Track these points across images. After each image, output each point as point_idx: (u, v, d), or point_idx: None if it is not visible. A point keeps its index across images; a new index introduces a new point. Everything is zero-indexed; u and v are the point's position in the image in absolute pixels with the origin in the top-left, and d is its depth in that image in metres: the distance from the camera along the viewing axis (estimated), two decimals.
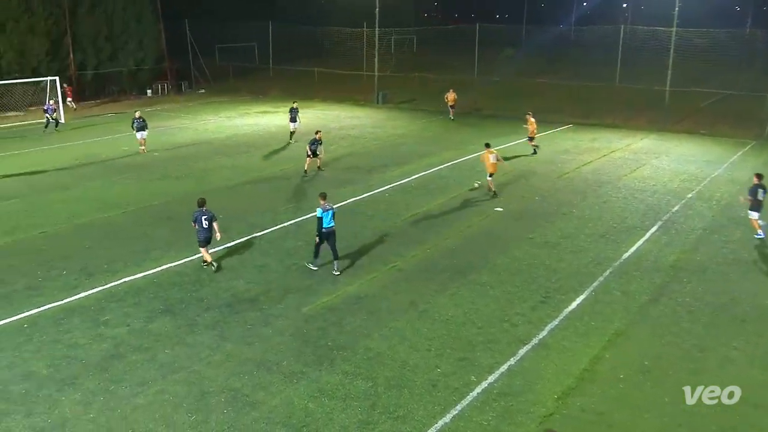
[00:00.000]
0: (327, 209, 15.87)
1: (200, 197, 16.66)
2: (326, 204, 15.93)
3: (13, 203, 22.14)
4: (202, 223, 16.00)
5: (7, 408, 10.63)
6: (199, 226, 16.02)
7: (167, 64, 53.87)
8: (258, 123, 38.56)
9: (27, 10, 44.47)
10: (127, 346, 12.62)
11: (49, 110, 35.85)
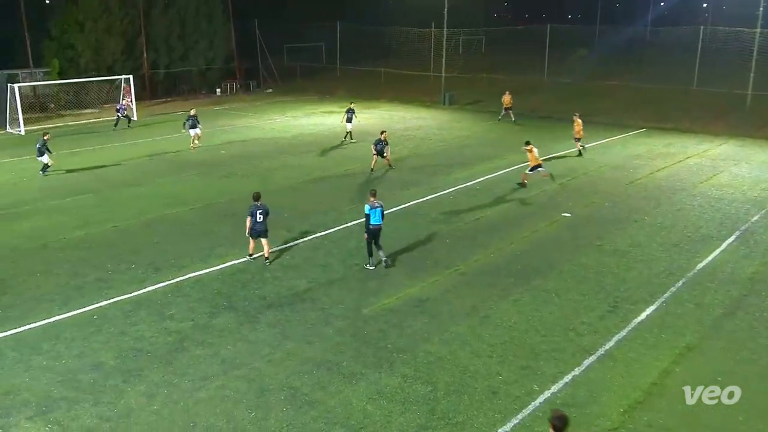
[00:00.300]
0: (375, 207, 16.26)
1: (255, 191, 17.11)
2: (375, 201, 16.32)
3: (87, 198, 23.04)
4: (257, 216, 16.49)
5: (77, 396, 11.06)
6: (253, 220, 16.48)
7: (236, 64, 55.08)
8: (323, 123, 38.99)
9: (106, 10, 46.25)
10: (191, 340, 12.96)
11: (121, 110, 37.27)
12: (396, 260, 17.02)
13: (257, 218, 16.49)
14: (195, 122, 31.25)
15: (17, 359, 12.25)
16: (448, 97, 46.63)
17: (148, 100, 47.16)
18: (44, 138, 26.23)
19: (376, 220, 16.26)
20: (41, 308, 14.33)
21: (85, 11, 45.59)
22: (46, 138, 26.25)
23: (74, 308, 14.32)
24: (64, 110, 42.76)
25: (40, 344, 12.79)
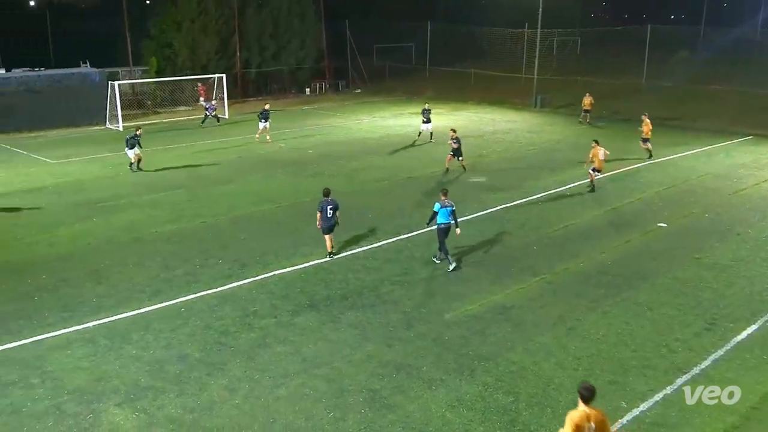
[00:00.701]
0: (446, 206, 16.43)
1: (325, 187, 17.55)
2: (446, 201, 16.49)
3: (179, 193, 23.95)
4: (327, 212, 16.95)
5: (163, 386, 11.51)
6: (323, 215, 16.90)
7: (326, 64, 56.00)
8: (411, 124, 39.05)
9: (203, 10, 48.03)
10: (273, 337, 13.25)
11: (210, 109, 38.65)
12: (481, 265, 16.87)
13: (327, 213, 16.96)
14: (266, 114, 33.14)
15: (109, 347, 12.86)
16: (540, 99, 45.85)
17: (240, 98, 48.57)
18: (136, 132, 27.26)
19: (444, 219, 16.46)
20: (133, 299, 14.99)
21: (182, 11, 47.47)
22: (138, 132, 27.27)
23: (163, 300, 14.91)
24: (159, 108, 44.63)
25: (131, 334, 13.38)
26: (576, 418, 8.05)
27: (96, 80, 40.35)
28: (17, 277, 16.29)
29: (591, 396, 8.12)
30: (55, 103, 38.05)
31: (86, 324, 13.78)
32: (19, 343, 13.00)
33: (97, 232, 19.71)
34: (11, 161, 29.81)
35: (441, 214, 16.46)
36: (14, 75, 39.13)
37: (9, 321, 13.91)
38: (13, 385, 11.54)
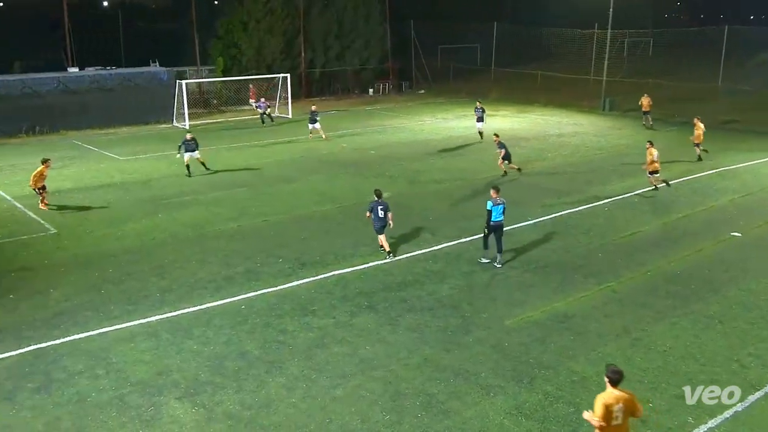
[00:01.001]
0: (498, 203, 16.62)
1: (376, 189, 17.80)
2: (498, 198, 16.67)
3: (242, 191, 24.43)
4: (378, 212, 17.30)
5: (222, 382, 11.75)
6: (374, 216, 17.28)
7: (390, 64, 56.20)
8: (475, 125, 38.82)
9: (269, 11, 48.90)
10: (331, 337, 13.36)
11: (261, 106, 39.33)
12: (543, 272, 16.64)
13: (379, 214, 17.30)
14: (314, 117, 34.18)
15: (171, 341, 13.21)
16: (609, 102, 44.94)
17: (304, 98, 49.19)
18: (187, 137, 26.80)
19: (497, 216, 16.62)
20: (195, 294, 15.36)
21: (249, 11, 48.43)
22: (188, 137, 26.79)
23: (224, 297, 15.22)
24: (224, 106, 45.62)
25: (192, 329, 13.71)
26: (606, 399, 8.50)
27: (164, 79, 41.56)
28: (86, 270, 16.91)
29: (619, 379, 8.59)
30: (126, 101, 39.40)
31: (150, 318, 14.19)
32: (86, 335, 13.49)
33: (162, 228, 20.28)
34: (83, 157, 30.94)
35: (495, 212, 16.63)
36: (87, 73, 40.65)
37: (77, 312, 14.45)
38: (79, 375, 11.98)
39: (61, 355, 12.68)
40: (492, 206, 16.58)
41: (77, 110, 37.86)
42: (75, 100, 38.16)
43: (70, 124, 37.56)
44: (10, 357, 12.58)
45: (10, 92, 36.58)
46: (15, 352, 12.76)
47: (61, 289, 15.75)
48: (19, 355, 12.68)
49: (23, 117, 36.22)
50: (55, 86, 38.09)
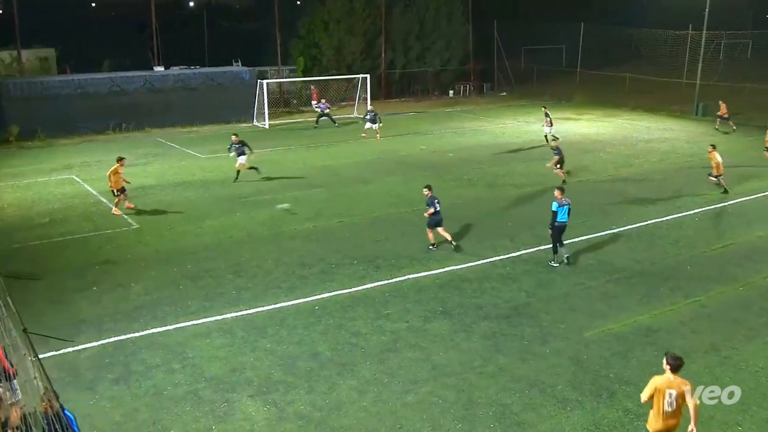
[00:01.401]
0: (563, 204, 16.85)
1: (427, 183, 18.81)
2: (563, 198, 16.89)
3: (319, 192, 24.78)
4: (436, 206, 18.09)
5: (294, 381, 11.94)
6: (435, 210, 18.08)
7: (471, 65, 55.88)
8: (558, 129, 38.13)
9: (350, 10, 49.45)
10: (404, 342, 13.38)
11: (321, 108, 39.69)
12: (627, 283, 16.20)
13: (437, 207, 18.07)
14: (372, 116, 34.77)
15: (245, 339, 13.52)
16: (702, 107, 43.32)
17: (383, 99, 49.52)
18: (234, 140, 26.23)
19: (562, 218, 16.83)
20: (269, 293, 15.67)
21: (330, 11, 49.10)
22: (233, 139, 26.26)
23: (298, 297, 15.47)
24: (304, 107, 46.38)
25: (266, 328, 13.99)
26: (658, 382, 8.75)
27: (246, 78, 42.60)
28: (165, 265, 17.50)
29: (678, 366, 8.82)
30: (208, 100, 40.60)
31: (225, 315, 14.57)
32: (164, 329, 13.96)
33: (240, 226, 20.78)
34: (165, 155, 32.06)
35: (560, 213, 16.81)
36: (172, 72, 42.10)
37: (156, 307, 14.97)
38: (156, 368, 12.41)
39: (140, 347, 13.17)
40: (557, 207, 16.77)
41: (162, 108, 39.25)
42: (160, 98, 39.57)
43: (155, 121, 38.97)
44: (92, 347, 13.15)
45: (98, 90, 38.21)
46: (96, 343, 13.33)
47: (141, 283, 16.36)
48: (100, 346, 13.24)
49: (111, 114, 37.75)
50: (142, 85, 39.58)
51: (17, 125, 35.00)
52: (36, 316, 13.87)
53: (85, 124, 37.08)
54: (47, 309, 14.77)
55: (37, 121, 35.42)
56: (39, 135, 35.37)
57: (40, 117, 35.62)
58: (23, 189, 25.58)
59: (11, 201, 23.89)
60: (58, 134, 35.90)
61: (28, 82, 37.75)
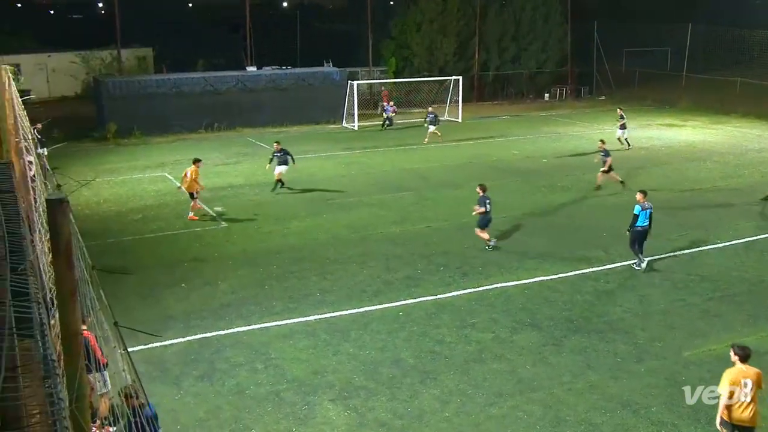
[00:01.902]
0: (645, 208, 16.88)
1: (481, 183, 19.22)
2: (645, 202, 16.93)
3: (407, 195, 24.85)
4: (487, 206, 18.50)
5: (375, 388, 12.00)
6: (486, 210, 18.53)
7: (569, 68, 54.83)
8: (660, 136, 37.02)
9: (443, 11, 49.41)
10: (489, 352, 13.24)
11: (387, 110, 39.61)
12: (732, 301, 15.51)
13: (488, 208, 18.56)
14: (434, 119, 34.86)
15: (328, 342, 13.69)
16: None
17: (475, 102, 49.21)
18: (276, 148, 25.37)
19: (643, 221, 16.85)
20: (353, 297, 15.82)
21: (423, 11, 49.20)
22: (275, 146, 25.44)
23: (383, 302, 15.55)
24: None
25: (349, 331, 14.13)
26: (732, 375, 9.13)
27: (336, 79, 43.23)
28: (252, 265, 17.95)
29: (746, 356, 9.22)
30: (299, 100, 41.42)
31: (309, 317, 14.80)
32: (248, 328, 14.32)
33: (326, 228, 21.09)
34: (255, 154, 32.89)
35: (642, 217, 16.83)
36: (264, 72, 43.18)
37: (242, 306, 15.37)
38: (240, 367, 12.73)
39: (225, 345, 13.55)
40: (640, 210, 16.80)
41: (253, 108, 40.30)
42: (252, 98, 40.63)
43: (246, 121, 40.05)
44: (179, 343, 13.63)
45: (193, 90, 39.60)
46: (183, 339, 13.80)
47: (228, 281, 16.84)
48: (186, 342, 13.70)
49: (204, 113, 39.04)
50: (234, 84, 40.77)
51: (115, 123, 36.70)
52: (126, 310, 14.47)
53: (179, 123, 38.45)
54: (137, 304, 15.41)
55: (134, 119, 37.01)
56: (135, 133, 36.98)
57: (137, 115, 37.19)
58: (119, 185, 26.80)
59: (107, 197, 25.08)
60: (153, 132, 37.40)
61: (126, 81, 39.57)
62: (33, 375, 2.72)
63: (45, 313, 3.83)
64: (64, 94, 50.86)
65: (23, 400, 2.41)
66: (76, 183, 23.83)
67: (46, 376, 2.76)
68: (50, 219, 3.66)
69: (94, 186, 26.02)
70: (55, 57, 52.79)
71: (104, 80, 39.44)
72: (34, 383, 2.68)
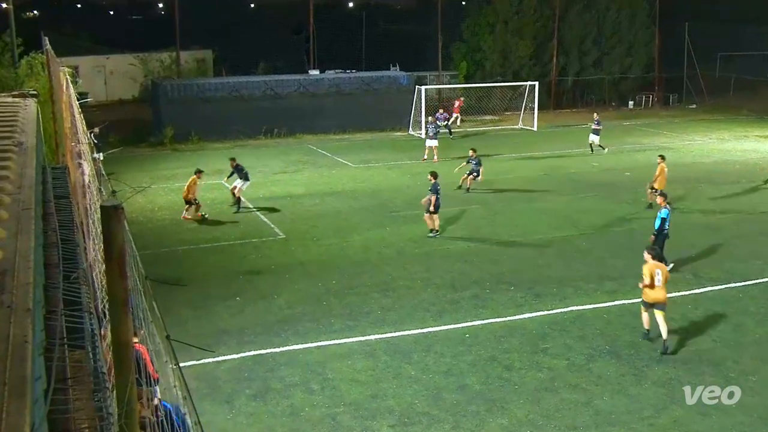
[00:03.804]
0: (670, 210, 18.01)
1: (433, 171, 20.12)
2: (668, 205, 18.07)
3: (476, 209, 24.73)
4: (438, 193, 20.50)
5: (438, 415, 11.93)
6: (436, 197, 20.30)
7: (657, 74, 53.74)
8: (758, 149, 35.89)
9: (519, 11, 49.03)
10: (562, 381, 13.02)
11: (440, 119, 39.14)
12: None
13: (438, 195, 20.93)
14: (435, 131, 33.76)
15: (388, 364, 13.69)
16: None
17: (552, 109, 48.66)
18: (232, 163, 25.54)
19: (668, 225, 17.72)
20: (416, 316, 15.80)
21: (498, 12, 48.89)
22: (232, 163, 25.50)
23: (447, 323, 15.48)
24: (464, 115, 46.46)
25: (411, 353, 14.10)
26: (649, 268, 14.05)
27: (403, 84, 43.39)
28: (310, 279, 18.12)
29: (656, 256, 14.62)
30: (363, 106, 41.66)
31: (369, 336, 14.84)
32: (304, 346, 14.44)
33: (389, 242, 21.14)
34: (316, 162, 33.28)
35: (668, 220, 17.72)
36: (327, 76, 43.62)
37: (298, 322, 15.51)
38: (294, 387, 12.84)
39: (280, 364, 13.69)
40: (668, 214, 17.75)
41: (314, 114, 40.71)
42: (313, 103, 41.07)
43: (307, 127, 40.51)
44: (232, 360, 13.84)
45: (253, 94, 40.27)
46: (237, 355, 14.00)
47: (285, 296, 17.03)
48: (240, 358, 13.90)
49: (263, 119, 39.53)
50: (296, 89, 41.31)
51: (172, 127, 37.59)
52: (178, 323, 14.77)
53: (237, 128, 39.00)
54: (190, 316, 15.72)
55: (192, 124, 37.81)
56: (192, 138, 37.83)
57: (195, 119, 37.96)
58: (175, 192, 27.43)
59: (163, 204, 25.72)
60: (210, 137, 38.18)
61: (184, 84, 40.60)
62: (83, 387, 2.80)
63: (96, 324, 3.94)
64: (121, 98, 52.45)
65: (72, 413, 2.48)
66: (132, 189, 24.49)
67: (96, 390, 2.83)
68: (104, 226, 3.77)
69: (150, 193, 26.71)
70: (113, 59, 54.56)
71: (162, 83, 40.53)
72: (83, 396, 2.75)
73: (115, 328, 3.86)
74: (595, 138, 34.01)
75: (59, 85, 12.72)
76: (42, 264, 3.14)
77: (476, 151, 27.37)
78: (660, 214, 17.84)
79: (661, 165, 23.99)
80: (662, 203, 18.19)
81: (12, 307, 2.36)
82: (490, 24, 49.39)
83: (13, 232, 3.01)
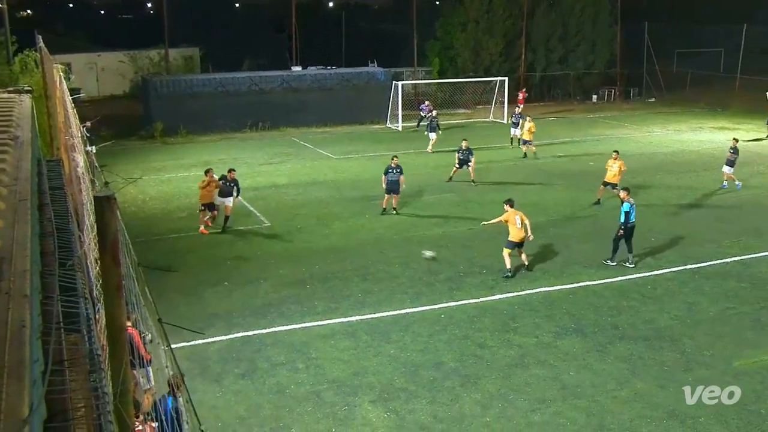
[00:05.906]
0: (633, 204, 17.67)
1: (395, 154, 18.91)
2: (630, 198, 17.78)
3: (450, 197, 24.78)
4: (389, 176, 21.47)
5: (416, 390, 11.99)
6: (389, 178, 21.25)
7: (618, 69, 54.03)
8: (713, 140, 36.25)
9: (489, 11, 49.10)
10: (532, 357, 13.12)
11: (424, 110, 39.28)
12: None
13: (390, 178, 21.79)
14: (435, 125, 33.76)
15: (368, 343, 13.72)
16: None
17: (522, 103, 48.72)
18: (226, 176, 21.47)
19: (633, 218, 17.49)
20: (395, 298, 15.83)
21: (468, 11, 48.96)
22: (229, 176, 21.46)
23: (424, 304, 15.53)
24: (438, 109, 46.46)
25: (390, 333, 14.14)
26: (509, 215, 16.96)
27: (381, 79, 43.28)
28: (294, 264, 18.08)
29: (513, 204, 17.46)
30: (343, 100, 41.56)
31: (350, 318, 14.86)
32: (289, 327, 14.43)
33: (368, 229, 21.14)
34: (299, 154, 33.14)
35: (632, 213, 17.48)
36: (309, 72, 43.46)
37: (283, 305, 15.49)
38: (280, 366, 12.83)
39: (266, 344, 13.67)
40: (630, 207, 17.44)
41: (297, 108, 40.55)
42: (296, 98, 40.88)
43: (290, 121, 40.31)
44: (221, 341, 13.80)
45: (238, 89, 40.03)
46: (225, 337, 13.97)
47: (270, 280, 16.99)
48: (228, 340, 13.87)
49: (249, 113, 39.38)
50: (279, 84, 41.10)
51: (162, 122, 37.29)
52: (170, 307, 14.69)
53: (224, 122, 38.86)
54: (181, 301, 15.64)
55: (180, 118, 37.46)
56: (181, 131, 37.52)
57: (183, 114, 37.65)
58: (165, 183, 27.26)
59: (153, 194, 25.52)
60: (198, 131, 37.89)
61: (173, 80, 40.18)
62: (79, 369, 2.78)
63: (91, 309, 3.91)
64: (112, 93, 51.88)
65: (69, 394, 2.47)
66: (123, 181, 24.27)
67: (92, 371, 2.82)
68: (98, 215, 3.73)
69: (141, 184, 26.49)
70: (104, 56, 53.90)
71: (152, 79, 40.12)
72: (79, 377, 2.74)
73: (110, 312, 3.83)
74: (517, 132, 33.41)
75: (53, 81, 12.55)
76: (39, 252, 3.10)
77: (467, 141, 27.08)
78: (623, 207, 17.58)
79: (620, 162, 23.51)
80: (625, 197, 17.82)
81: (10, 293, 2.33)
82: (462, 23, 49.38)
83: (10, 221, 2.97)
